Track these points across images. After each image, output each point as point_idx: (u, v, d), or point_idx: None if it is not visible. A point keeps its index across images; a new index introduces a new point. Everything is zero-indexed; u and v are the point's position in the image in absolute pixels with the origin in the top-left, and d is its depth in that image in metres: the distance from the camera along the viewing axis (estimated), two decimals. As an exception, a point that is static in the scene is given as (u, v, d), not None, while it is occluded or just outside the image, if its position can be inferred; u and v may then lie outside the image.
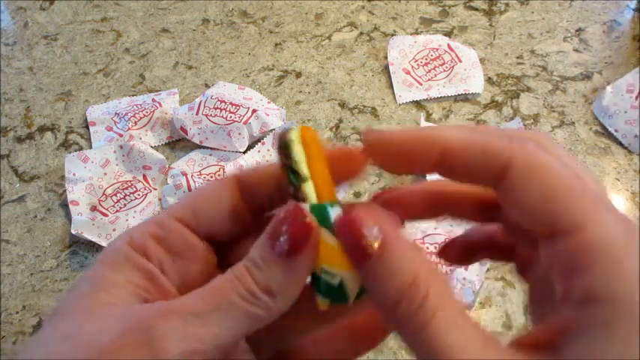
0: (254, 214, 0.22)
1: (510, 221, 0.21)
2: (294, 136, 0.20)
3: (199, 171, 0.58)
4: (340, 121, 0.62)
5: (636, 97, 0.59)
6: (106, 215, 0.54)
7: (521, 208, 0.17)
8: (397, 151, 0.20)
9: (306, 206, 0.19)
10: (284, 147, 0.20)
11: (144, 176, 0.58)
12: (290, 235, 0.19)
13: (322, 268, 0.19)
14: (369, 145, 0.20)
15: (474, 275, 0.48)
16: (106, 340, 0.17)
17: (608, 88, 0.61)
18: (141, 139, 0.60)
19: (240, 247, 0.23)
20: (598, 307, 0.15)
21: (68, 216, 0.55)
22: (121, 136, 0.60)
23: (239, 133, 0.58)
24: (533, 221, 0.17)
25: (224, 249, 0.22)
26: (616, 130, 0.59)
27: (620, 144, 0.59)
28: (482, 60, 0.66)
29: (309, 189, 0.20)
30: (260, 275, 0.19)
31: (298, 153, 0.20)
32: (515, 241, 0.22)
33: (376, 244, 0.17)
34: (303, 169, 0.20)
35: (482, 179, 0.18)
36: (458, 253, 0.24)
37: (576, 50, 0.68)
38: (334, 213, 0.19)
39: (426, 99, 0.63)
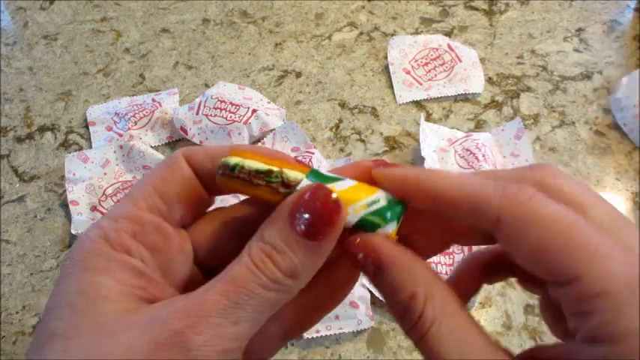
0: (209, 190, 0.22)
1: None
2: (232, 160, 0.20)
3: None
4: (340, 121, 0.62)
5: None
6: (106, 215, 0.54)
7: (519, 258, 0.18)
8: (399, 191, 0.20)
9: (304, 179, 0.20)
10: (233, 169, 0.20)
11: (144, 176, 0.58)
12: (318, 217, 0.18)
13: (361, 206, 0.20)
14: (376, 178, 0.21)
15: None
16: (142, 358, 0.16)
17: (624, 80, 0.61)
18: (141, 139, 0.60)
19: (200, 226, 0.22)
20: (601, 347, 0.16)
21: (68, 216, 0.55)
22: (121, 136, 0.60)
23: (239, 133, 0.58)
24: (533, 269, 0.18)
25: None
26: (624, 124, 0.59)
27: (620, 143, 0.59)
28: (482, 60, 0.66)
29: (288, 173, 0.20)
30: (283, 261, 0.18)
31: (250, 162, 0.20)
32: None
33: (372, 264, 0.19)
34: (270, 166, 0.20)
35: (477, 225, 0.19)
36: (480, 271, 0.24)
37: (576, 50, 0.68)
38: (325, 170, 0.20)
39: (426, 99, 0.63)
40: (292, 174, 0.20)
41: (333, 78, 0.66)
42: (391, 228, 0.20)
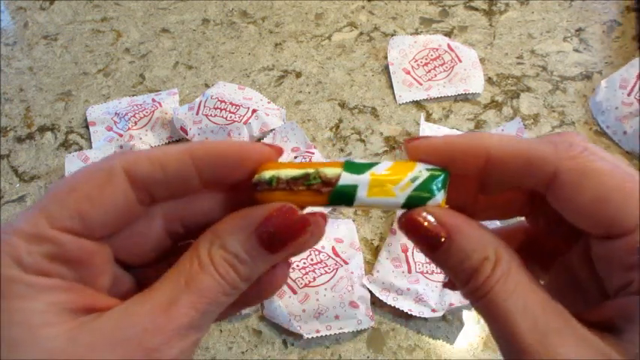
0: (146, 202, 0.21)
1: (551, 219, 0.22)
2: (266, 175, 0.20)
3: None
4: (340, 121, 0.62)
5: (628, 94, 0.59)
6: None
7: (574, 212, 0.18)
8: (442, 159, 0.20)
9: (342, 173, 0.20)
10: (270, 182, 0.20)
11: (144, 176, 0.58)
12: (284, 233, 0.19)
13: (405, 183, 0.20)
14: (415, 151, 0.21)
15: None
16: None
17: (603, 83, 0.61)
18: (141, 139, 0.60)
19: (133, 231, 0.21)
20: None
21: (68, 216, 0.55)
22: (121, 136, 0.60)
23: (239, 133, 0.58)
24: (586, 223, 0.18)
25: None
26: (607, 127, 0.59)
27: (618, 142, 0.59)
28: (482, 60, 0.66)
29: (325, 170, 0.20)
30: (245, 270, 0.19)
31: (285, 171, 0.20)
32: (548, 238, 0.23)
33: (442, 235, 0.19)
34: (305, 169, 0.20)
35: (528, 185, 0.19)
36: None
37: (576, 50, 0.68)
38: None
39: (426, 99, 0.63)
40: (329, 171, 0.20)
41: (333, 78, 0.66)
42: (440, 198, 0.20)
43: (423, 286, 0.48)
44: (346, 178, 0.20)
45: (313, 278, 0.48)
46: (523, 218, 0.24)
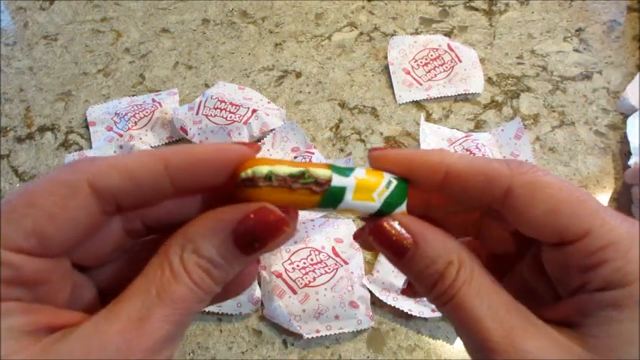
0: (112, 214, 0.20)
1: (498, 238, 0.24)
2: (263, 170, 0.19)
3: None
4: (340, 121, 0.62)
5: None
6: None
7: (528, 224, 0.20)
8: (404, 170, 0.21)
9: (332, 175, 0.20)
10: (270, 178, 0.19)
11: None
12: (265, 236, 0.19)
13: (382, 189, 0.21)
14: (375, 162, 0.22)
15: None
16: None
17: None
18: (141, 139, 0.60)
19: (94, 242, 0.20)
20: (614, 292, 0.18)
21: (68, 216, 0.55)
22: (121, 136, 0.60)
23: (239, 133, 0.58)
24: (540, 233, 0.19)
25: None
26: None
27: (620, 143, 0.59)
28: (482, 60, 0.66)
29: (316, 171, 0.20)
30: (220, 274, 0.19)
31: (280, 168, 0.20)
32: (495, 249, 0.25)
33: (408, 242, 0.20)
34: (299, 168, 0.20)
35: (484, 200, 0.20)
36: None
37: (576, 50, 0.68)
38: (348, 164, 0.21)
39: (426, 99, 0.63)
40: (320, 172, 0.20)
41: (333, 78, 0.66)
42: (404, 206, 0.21)
43: (423, 286, 0.48)
44: (337, 180, 0.20)
45: (313, 278, 0.48)
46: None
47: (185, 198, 0.21)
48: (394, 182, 0.21)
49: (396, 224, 0.20)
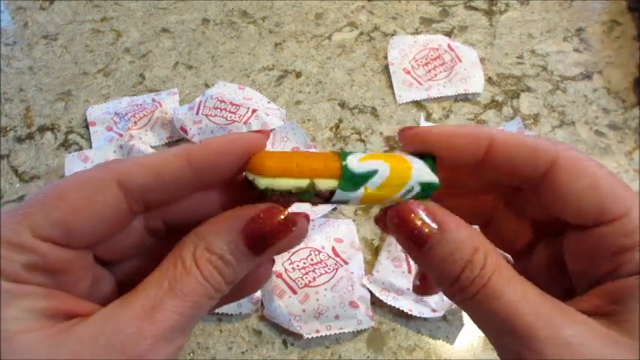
0: (139, 212, 0.20)
1: (511, 228, 0.23)
2: (261, 183, 0.19)
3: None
4: (340, 121, 0.62)
5: None
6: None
7: (569, 199, 0.19)
8: (442, 147, 0.21)
9: (337, 190, 0.20)
10: (265, 194, 0.20)
11: (144, 176, 0.58)
12: (270, 235, 0.19)
13: (397, 198, 0.20)
14: (412, 139, 0.21)
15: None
16: None
17: None
18: (141, 139, 0.60)
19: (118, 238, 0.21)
20: None
21: (68, 216, 0.55)
22: (121, 136, 0.60)
23: (239, 133, 0.58)
24: (579, 210, 0.19)
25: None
26: None
27: (620, 143, 0.59)
28: (482, 60, 0.66)
29: (320, 184, 0.20)
30: (230, 272, 0.19)
31: (280, 182, 0.19)
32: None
33: (431, 229, 0.19)
34: (300, 180, 0.20)
35: (524, 174, 0.20)
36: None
37: (576, 50, 0.68)
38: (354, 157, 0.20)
39: (426, 99, 0.63)
40: (324, 185, 0.20)
41: (333, 78, 0.66)
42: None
43: (423, 286, 0.48)
44: (339, 195, 0.20)
45: (313, 278, 0.48)
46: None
47: (205, 196, 0.22)
48: (416, 189, 0.20)
49: (418, 210, 0.19)
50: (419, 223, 0.19)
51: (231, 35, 0.72)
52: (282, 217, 0.19)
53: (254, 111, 0.59)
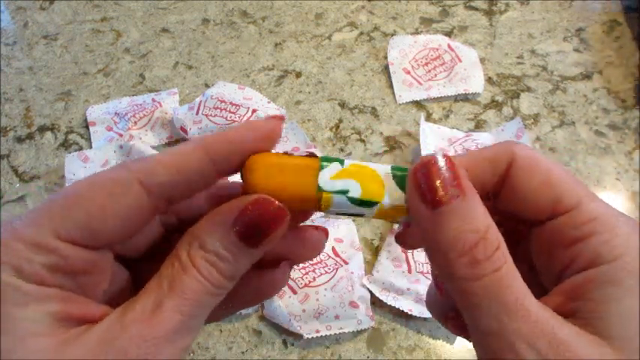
0: (161, 210, 0.20)
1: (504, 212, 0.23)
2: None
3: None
4: (340, 121, 0.62)
5: None
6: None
7: (526, 195, 0.20)
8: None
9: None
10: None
11: (144, 176, 0.58)
12: (262, 226, 0.19)
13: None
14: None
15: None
16: None
17: None
18: (141, 139, 0.60)
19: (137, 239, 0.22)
20: (604, 267, 0.17)
21: (68, 216, 0.55)
22: (121, 136, 0.60)
23: (239, 133, 0.58)
24: (536, 206, 0.19)
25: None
26: None
27: (620, 143, 0.59)
28: (482, 60, 0.66)
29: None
30: (227, 267, 0.19)
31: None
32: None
33: (454, 191, 0.18)
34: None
35: (490, 183, 0.20)
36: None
37: (576, 50, 0.68)
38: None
39: (426, 99, 0.63)
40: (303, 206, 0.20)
41: (333, 78, 0.66)
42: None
43: (423, 286, 0.48)
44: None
45: (313, 278, 0.48)
46: None
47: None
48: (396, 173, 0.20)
49: (445, 165, 0.18)
50: (442, 180, 0.18)
51: (231, 35, 0.72)
52: (273, 207, 0.19)
53: (254, 111, 0.59)
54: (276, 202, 0.19)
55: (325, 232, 0.23)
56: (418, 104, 0.63)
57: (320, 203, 0.20)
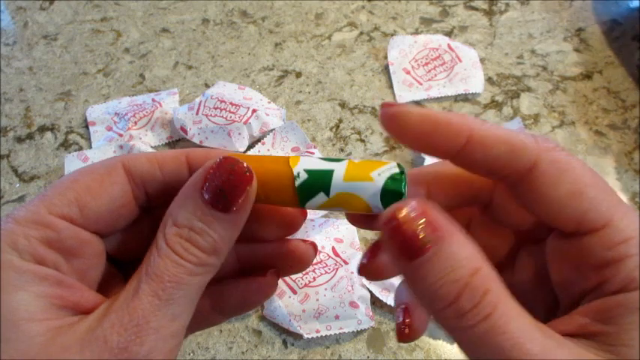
0: (142, 201, 0.21)
1: (504, 217, 0.22)
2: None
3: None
4: (340, 121, 0.62)
5: None
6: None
7: (548, 204, 0.18)
8: (421, 131, 0.19)
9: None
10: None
11: (144, 176, 0.58)
12: (231, 187, 0.18)
13: (378, 173, 0.19)
14: (390, 120, 0.19)
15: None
16: None
17: None
18: (141, 139, 0.60)
19: (128, 230, 0.22)
20: (634, 293, 0.16)
21: (68, 216, 0.55)
22: (121, 136, 0.60)
23: (239, 133, 0.58)
24: (559, 217, 0.18)
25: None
26: None
27: (620, 143, 0.59)
28: (482, 60, 0.66)
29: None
30: (205, 241, 0.18)
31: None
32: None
33: (429, 238, 0.16)
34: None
35: (502, 173, 0.18)
36: None
37: (576, 50, 0.68)
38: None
39: (426, 99, 0.63)
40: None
41: (333, 78, 0.66)
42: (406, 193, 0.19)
43: (423, 286, 0.48)
44: (309, 205, 0.20)
45: (313, 278, 0.48)
46: None
47: None
48: (394, 169, 0.19)
49: (417, 211, 0.16)
50: (416, 229, 0.16)
51: (231, 35, 0.72)
52: (237, 165, 0.18)
53: (254, 111, 0.59)
54: (239, 160, 0.18)
55: (314, 247, 0.23)
56: (418, 104, 0.63)
57: (291, 169, 0.19)
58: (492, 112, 0.63)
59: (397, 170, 0.19)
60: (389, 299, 0.48)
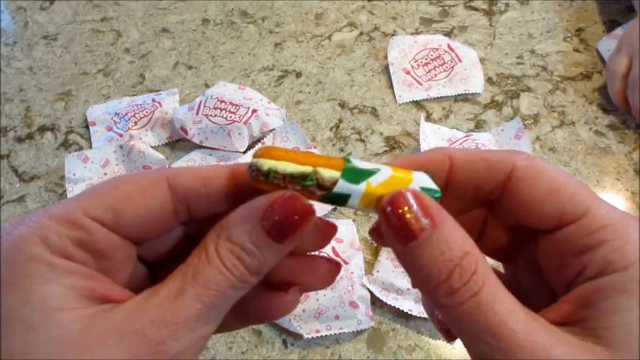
0: (183, 216, 0.21)
1: (506, 222, 0.23)
2: (264, 165, 0.20)
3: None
4: (340, 121, 0.62)
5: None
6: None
7: (529, 205, 0.20)
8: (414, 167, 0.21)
9: (339, 180, 0.19)
10: (268, 175, 0.20)
11: (144, 176, 0.57)
12: (289, 221, 0.19)
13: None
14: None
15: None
16: None
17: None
18: (141, 139, 0.60)
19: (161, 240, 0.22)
20: (615, 276, 0.17)
21: (68, 216, 0.55)
22: (121, 136, 0.60)
23: (239, 133, 0.58)
24: (541, 215, 0.19)
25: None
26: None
27: (620, 143, 0.59)
28: (482, 60, 0.66)
29: (323, 173, 0.20)
30: (252, 262, 0.19)
31: (284, 165, 0.20)
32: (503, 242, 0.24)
33: (425, 222, 0.18)
34: (304, 167, 0.20)
35: (486, 187, 0.21)
36: None
37: (576, 50, 0.68)
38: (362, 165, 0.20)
39: (426, 99, 0.63)
40: (327, 174, 0.20)
41: (333, 78, 0.66)
42: None
43: (423, 286, 0.48)
44: (341, 186, 0.20)
45: (313, 278, 0.48)
46: None
47: None
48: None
49: (414, 202, 0.18)
50: (411, 215, 0.18)
51: (231, 35, 0.72)
52: (300, 204, 0.19)
53: (254, 111, 0.59)
54: (304, 198, 0.19)
55: (338, 266, 0.23)
56: (418, 104, 0.63)
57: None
58: (492, 112, 0.63)
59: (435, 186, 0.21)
60: (389, 299, 0.48)
